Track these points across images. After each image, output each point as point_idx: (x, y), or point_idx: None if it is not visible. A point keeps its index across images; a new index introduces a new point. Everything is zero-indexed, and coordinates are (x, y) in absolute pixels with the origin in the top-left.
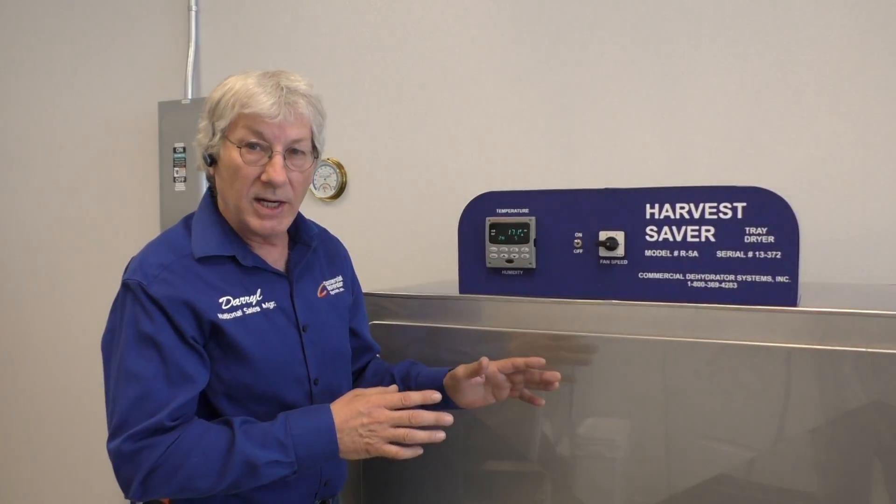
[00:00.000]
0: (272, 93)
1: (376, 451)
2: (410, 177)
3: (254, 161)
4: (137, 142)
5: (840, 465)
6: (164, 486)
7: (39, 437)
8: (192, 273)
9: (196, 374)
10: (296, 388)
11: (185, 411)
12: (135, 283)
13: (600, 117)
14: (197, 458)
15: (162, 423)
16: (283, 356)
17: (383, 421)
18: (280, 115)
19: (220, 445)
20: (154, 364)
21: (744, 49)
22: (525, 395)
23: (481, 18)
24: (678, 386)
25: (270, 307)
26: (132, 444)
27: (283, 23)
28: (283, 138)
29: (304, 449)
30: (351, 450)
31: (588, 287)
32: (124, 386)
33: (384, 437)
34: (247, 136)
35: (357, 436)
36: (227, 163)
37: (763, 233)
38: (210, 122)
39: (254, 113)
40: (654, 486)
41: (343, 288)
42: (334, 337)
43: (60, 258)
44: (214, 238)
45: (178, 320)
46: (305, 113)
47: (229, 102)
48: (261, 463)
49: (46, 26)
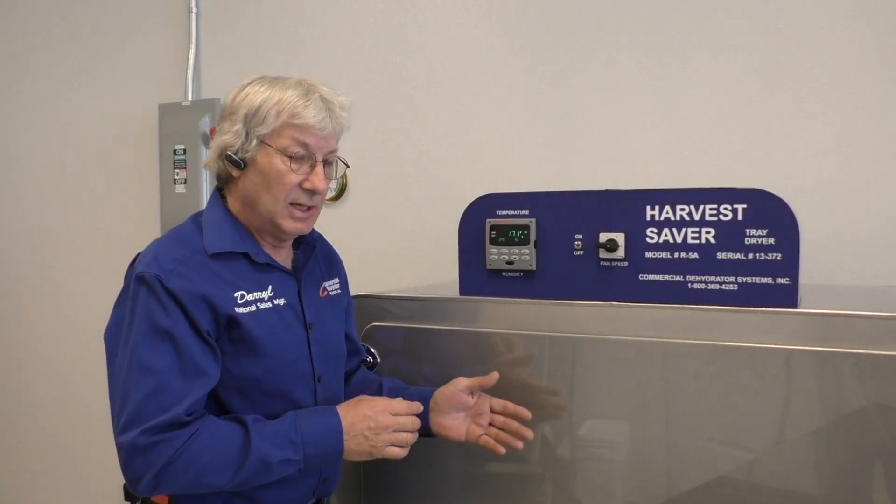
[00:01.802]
0: (318, 105)
1: (380, 453)
2: (411, 179)
3: (297, 169)
4: (138, 143)
5: (840, 467)
6: (177, 481)
7: (40, 436)
8: (207, 268)
9: (210, 369)
10: (302, 385)
11: (199, 406)
12: (151, 276)
13: (600, 119)
14: (212, 454)
15: (180, 417)
16: (293, 352)
17: (389, 425)
18: (329, 127)
19: (235, 442)
20: (169, 357)
21: (743, 50)
22: (490, 442)
23: (482, 20)
24: (678, 388)
25: (281, 303)
26: (148, 437)
27: (283, 25)
28: (325, 149)
29: (313, 448)
30: (355, 451)
31: (588, 289)
32: (138, 379)
33: (388, 441)
34: (292, 145)
35: (363, 438)
36: (265, 168)
37: (763, 234)
38: (245, 127)
39: (305, 124)
40: (654, 488)
41: (340, 290)
42: (335, 336)
43: (61, 259)
44: (227, 235)
45: (195, 314)
46: (344, 125)
47: (272, 111)
48: (274, 461)
49: (47, 29)
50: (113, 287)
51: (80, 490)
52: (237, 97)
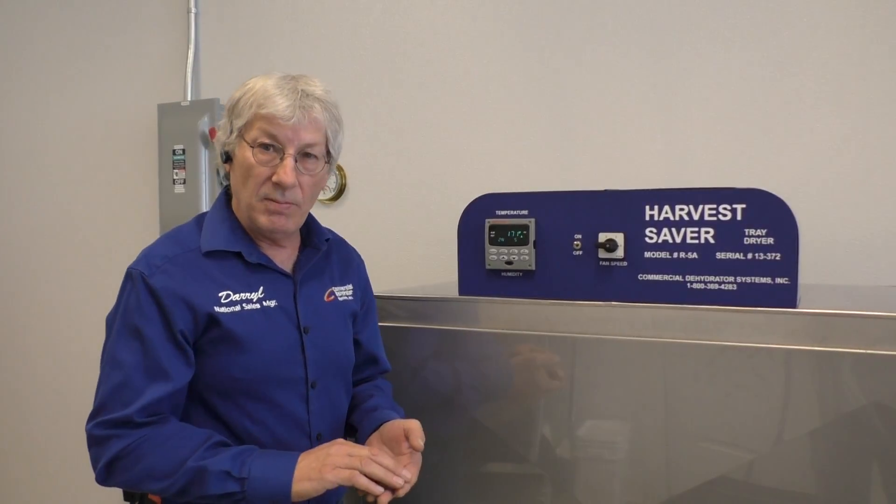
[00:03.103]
0: (289, 95)
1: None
2: (410, 179)
3: (266, 161)
4: (137, 144)
5: (839, 467)
6: (124, 476)
7: (40, 436)
8: (195, 266)
9: (174, 372)
10: (290, 389)
11: (159, 408)
12: (136, 273)
13: (600, 119)
14: (156, 458)
15: (131, 417)
16: (279, 354)
17: (340, 454)
18: (294, 117)
19: (181, 452)
20: (136, 356)
21: (743, 51)
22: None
23: (481, 20)
24: (678, 388)
25: (271, 305)
26: (102, 429)
27: (282, 25)
28: (295, 141)
29: (259, 467)
30: (304, 476)
31: (587, 289)
32: (108, 371)
33: (336, 464)
34: (260, 136)
35: (314, 459)
36: (240, 161)
37: (762, 234)
38: (229, 120)
39: (269, 114)
40: (653, 488)
41: (352, 297)
42: (337, 342)
43: (60, 260)
44: (223, 234)
45: (173, 313)
46: (320, 118)
47: (248, 102)
48: (212, 469)
49: (46, 28)
50: (111, 286)
51: (81, 490)
52: (234, 92)
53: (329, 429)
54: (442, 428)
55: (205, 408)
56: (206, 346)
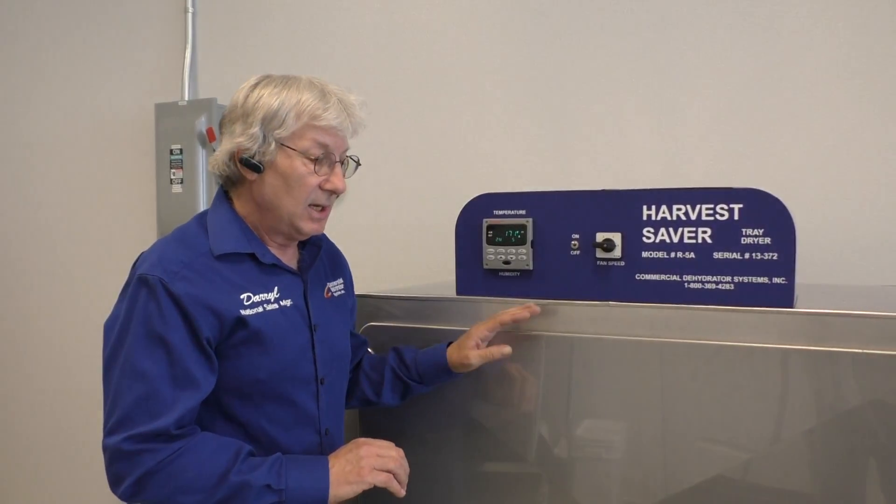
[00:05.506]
0: (339, 107)
1: (369, 475)
2: (407, 178)
3: (318, 170)
4: (134, 143)
5: (836, 466)
6: (155, 492)
7: (40, 436)
8: (213, 271)
9: (202, 380)
10: (304, 387)
11: (191, 418)
12: (155, 279)
13: (597, 119)
14: (193, 474)
15: (167, 429)
16: (297, 353)
17: (371, 455)
18: (348, 128)
19: (218, 466)
20: (162, 364)
21: (740, 50)
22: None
23: (479, 20)
24: (675, 387)
25: (287, 305)
26: (133, 444)
27: (280, 24)
28: (342, 148)
29: (295, 479)
30: (342, 479)
31: (585, 288)
32: (129, 383)
33: (373, 465)
34: (313, 147)
35: (346, 462)
36: (286, 171)
37: (760, 234)
38: (262, 130)
39: (327, 126)
40: (650, 488)
41: (344, 290)
42: (339, 337)
43: (57, 259)
44: (233, 236)
45: (197, 320)
46: (361, 125)
47: (291, 113)
48: (253, 484)
49: (42, 28)
50: (110, 286)
51: (81, 490)
52: (249, 99)
53: (335, 423)
54: (440, 428)
55: (221, 411)
56: (227, 350)
